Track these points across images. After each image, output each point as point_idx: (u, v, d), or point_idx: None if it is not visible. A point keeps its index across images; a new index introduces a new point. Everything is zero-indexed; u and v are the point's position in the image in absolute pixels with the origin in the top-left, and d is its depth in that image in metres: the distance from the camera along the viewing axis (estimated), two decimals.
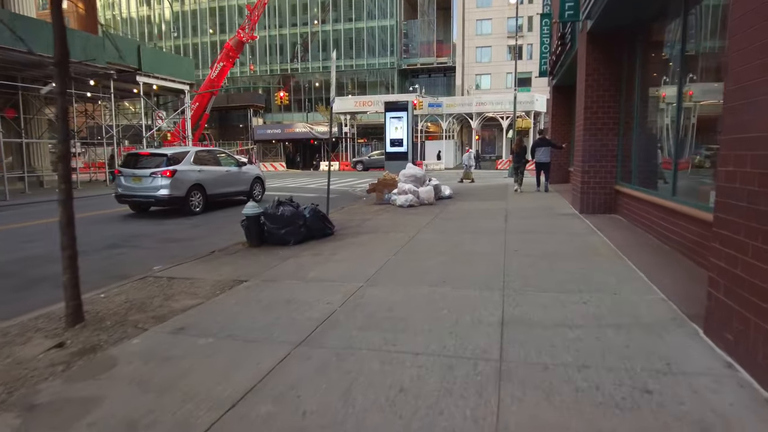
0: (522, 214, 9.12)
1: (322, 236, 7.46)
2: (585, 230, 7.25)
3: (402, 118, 14.00)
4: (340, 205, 12.75)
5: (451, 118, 40.46)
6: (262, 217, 7.06)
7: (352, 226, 8.49)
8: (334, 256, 6.09)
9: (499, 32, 46.99)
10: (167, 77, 23.27)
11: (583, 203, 8.85)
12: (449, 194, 12.69)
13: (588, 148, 8.71)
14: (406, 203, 11.08)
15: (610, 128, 8.60)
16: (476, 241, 6.63)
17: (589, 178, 8.77)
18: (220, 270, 5.61)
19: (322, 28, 53.12)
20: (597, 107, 8.62)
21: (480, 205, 11.10)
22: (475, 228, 7.75)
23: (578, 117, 9.42)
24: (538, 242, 6.42)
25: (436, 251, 6.09)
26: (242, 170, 13.34)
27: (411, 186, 11.41)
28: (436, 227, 8.00)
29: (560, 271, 4.90)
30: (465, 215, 9.32)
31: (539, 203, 10.91)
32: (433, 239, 6.92)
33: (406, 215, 9.77)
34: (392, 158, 14.12)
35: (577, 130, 9.68)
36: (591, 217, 8.36)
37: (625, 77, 8.40)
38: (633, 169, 7.74)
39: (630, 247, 5.85)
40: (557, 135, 15.76)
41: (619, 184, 8.54)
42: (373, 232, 7.75)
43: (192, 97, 53.15)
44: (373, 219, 9.35)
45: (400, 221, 8.91)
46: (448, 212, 9.89)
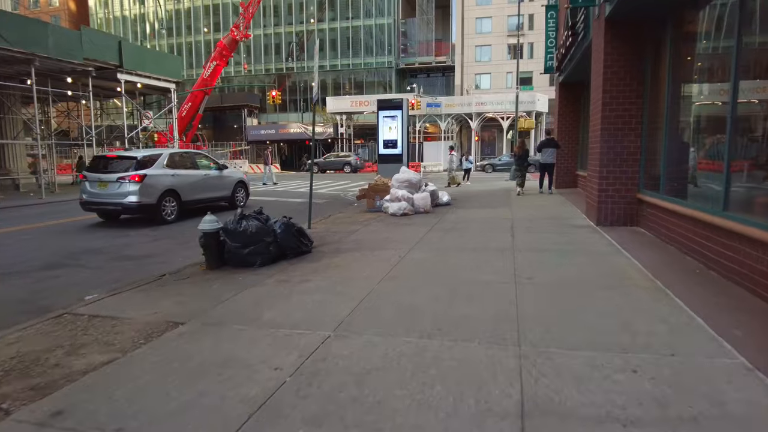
0: (530, 226, 7.99)
1: (297, 255, 6.34)
2: (607, 248, 6.11)
3: (396, 118, 12.88)
4: (326, 212, 11.64)
5: (450, 119, 39.36)
6: (222, 233, 5.92)
7: (334, 241, 7.36)
8: (305, 284, 4.96)
9: (499, 31, 45.90)
10: (152, 75, 22.12)
11: (601, 214, 7.73)
12: (447, 201, 11.56)
13: (606, 151, 7.59)
14: (399, 211, 9.95)
15: (632, 128, 7.48)
16: (479, 264, 5.49)
17: (607, 185, 7.65)
18: (159, 305, 4.48)
19: (318, 27, 52.00)
20: (616, 104, 7.49)
21: (482, 213, 9.97)
22: (476, 244, 6.62)
23: (593, 115, 8.31)
24: (553, 265, 5.29)
25: (429, 279, 4.96)
26: (223, 174, 12.20)
27: (405, 192, 10.28)
28: (431, 243, 6.87)
29: (590, 313, 3.77)
30: (465, 227, 8.18)
31: (548, 212, 9.78)
32: (428, 260, 5.78)
33: (398, 226, 8.64)
34: (385, 161, 13.00)
35: (591, 130, 8.57)
36: (610, 231, 7.23)
37: (649, 70, 7.28)
38: (661, 176, 6.61)
39: (670, 275, 4.72)
40: (564, 136, 14.65)
41: (642, 192, 7.41)
42: (358, 250, 6.61)
43: (185, 96, 51.92)
44: (360, 231, 8.21)
45: (391, 234, 7.78)
46: (446, 222, 8.76)
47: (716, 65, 5.67)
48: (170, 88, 23.94)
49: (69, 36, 18.07)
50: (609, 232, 7.19)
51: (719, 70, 5.51)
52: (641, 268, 5.04)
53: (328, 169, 37.42)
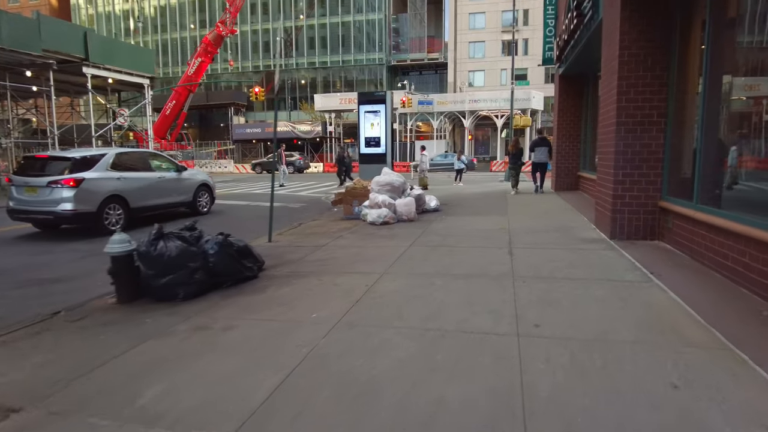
0: (531, 240, 6.67)
1: (238, 282, 4.99)
2: (632, 274, 4.79)
3: (379, 113, 11.55)
4: (299, 218, 10.30)
5: (442, 117, 38.09)
6: (137, 257, 4.56)
7: (292, 260, 6.01)
8: (227, 334, 3.61)
9: (492, 26, 44.66)
10: (123, 70, 20.67)
11: (615, 225, 6.42)
12: (435, 206, 10.23)
13: (622, 150, 6.29)
14: (378, 220, 8.61)
15: (654, 122, 6.18)
16: (470, 299, 4.16)
17: (623, 191, 6.35)
18: (13, 367, 3.14)
19: (307, 23, 50.55)
20: (635, 93, 6.19)
21: (474, 222, 8.64)
22: (467, 267, 5.28)
23: (605, 107, 7.00)
24: (566, 303, 3.96)
25: (401, 326, 3.62)
26: (183, 176, 10.81)
27: (386, 197, 8.94)
28: (411, 264, 5.53)
29: (640, 406, 2.44)
30: (454, 241, 6.85)
31: (550, 220, 8.47)
32: (402, 293, 4.44)
33: (374, 239, 7.31)
34: (367, 161, 11.66)
35: (602, 125, 7.27)
36: (630, 248, 5.92)
37: (677, 53, 5.98)
38: (696, 181, 5.30)
39: (733, 324, 3.41)
40: (565, 132, 13.36)
41: (666, 199, 6.12)
42: (318, 274, 5.26)
43: (168, 93, 50.33)
44: (328, 246, 6.87)
45: (364, 250, 6.44)
46: (432, 234, 7.43)
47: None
48: (143, 83, 22.47)
49: (25, 25, 16.58)
50: (628, 248, 5.88)
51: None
52: (687, 309, 3.72)
53: (269, 169, 36.22)
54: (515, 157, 14.01)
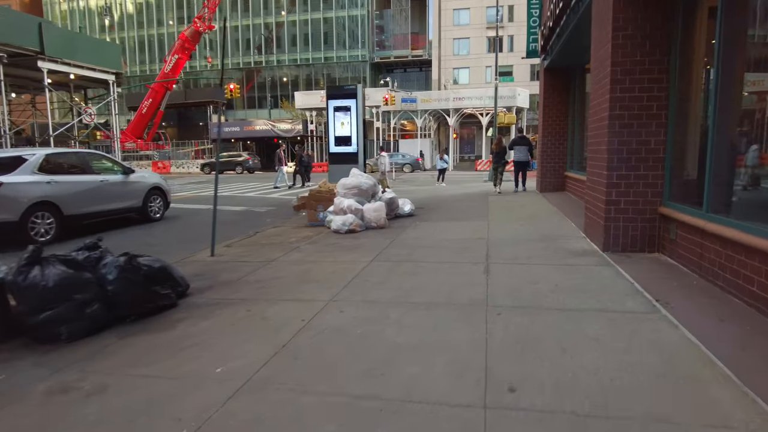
0: (512, 253, 5.77)
1: (150, 313, 4.01)
2: (633, 301, 3.90)
3: (349, 109, 10.58)
4: (261, 225, 9.31)
5: (426, 115, 37.23)
6: (7, 287, 3.56)
7: (228, 282, 5.03)
8: (87, 404, 2.63)
9: (477, 23, 43.88)
10: (84, 65, 19.40)
11: (609, 235, 5.55)
12: (410, 211, 9.31)
13: (617, 148, 5.41)
14: (343, 227, 7.66)
15: (653, 115, 5.31)
16: (427, 344, 3.23)
17: (618, 196, 5.47)
18: None
19: (289, 19, 49.34)
20: (631, 81, 5.32)
21: (450, 229, 7.73)
22: (432, 294, 4.34)
23: (596, 99, 6.13)
24: (554, 350, 3.04)
25: (325, 396, 2.67)
26: (130, 179, 9.75)
27: (352, 202, 7.99)
28: (367, 288, 4.59)
29: None
30: (423, 254, 5.92)
31: (535, 227, 7.59)
32: (344, 333, 3.49)
33: (334, 251, 6.36)
34: (337, 161, 10.69)
35: (592, 119, 6.39)
36: (626, 263, 5.05)
37: (679, 35, 5.12)
38: (707, 185, 4.42)
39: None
40: (550, 130, 12.53)
41: (668, 205, 5.26)
42: (249, 302, 4.29)
43: (144, 91, 48.72)
44: (277, 261, 5.91)
45: (317, 268, 5.48)
46: (399, 246, 6.50)
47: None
48: (108, 80, 21.22)
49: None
50: (625, 264, 5.00)
51: None
52: (711, 357, 2.82)
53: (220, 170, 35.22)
54: (498, 156, 13.80)
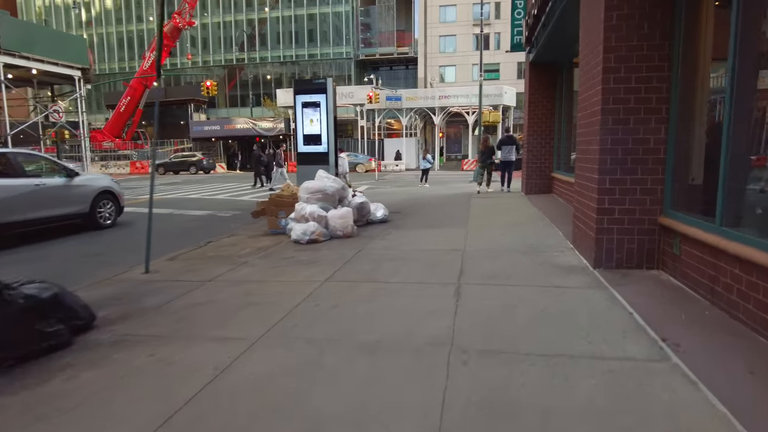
0: (490, 269, 4.97)
1: (36, 355, 3.15)
2: (635, 343, 3.11)
3: (319, 106, 9.72)
4: (218, 232, 8.46)
5: (412, 113, 36.43)
6: None
7: (148, 309, 4.17)
8: None
9: (464, 20, 43.19)
10: (45, 59, 18.28)
11: (601, 250, 4.78)
12: (383, 216, 8.48)
13: (609, 149, 4.64)
14: (304, 237, 6.82)
15: (652, 111, 4.55)
16: (364, 409, 2.41)
17: (611, 204, 4.70)
18: None
19: (272, 15, 48.22)
20: (627, 70, 4.54)
21: (424, 238, 6.92)
22: (385, 328, 3.52)
23: (585, 91, 5.35)
24: (537, 419, 2.24)
25: None
26: (74, 183, 8.79)
27: (315, 208, 7.14)
28: (310, 319, 3.75)
29: None
30: (388, 272, 5.10)
31: (517, 235, 6.80)
32: (259, 393, 2.66)
33: (288, 267, 5.52)
34: (306, 161, 9.82)
35: (582, 115, 5.62)
36: (622, 282, 4.28)
37: (683, 13, 4.36)
38: (719, 193, 3.65)
39: None
40: (536, 128, 11.79)
41: (669, 215, 4.49)
42: (159, 341, 3.44)
43: (122, 88, 47.09)
44: (217, 280, 5.06)
45: (260, 290, 4.63)
46: (362, 260, 5.68)
47: None
48: (74, 75, 20.10)
49: None
50: (621, 285, 4.22)
51: None
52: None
53: (173, 170, 34.55)
54: (485, 156, 13.74)
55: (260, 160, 19.97)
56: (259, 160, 19.97)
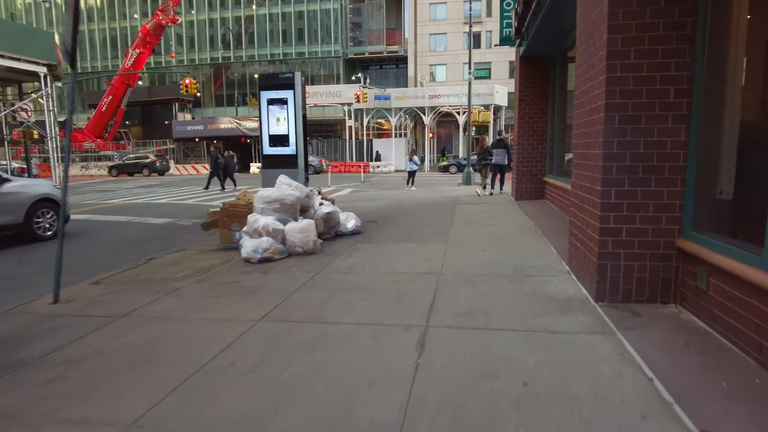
0: (467, 302, 4.02)
1: None
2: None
3: (286, 103, 8.72)
4: (170, 244, 7.51)
5: (401, 113, 35.47)
6: None
7: (21, 362, 3.17)
8: None
9: (455, 18, 42.28)
10: (6, 54, 17.10)
11: (605, 279, 3.83)
12: (354, 227, 7.51)
13: (616, 154, 3.70)
14: (255, 255, 5.84)
15: (670, 106, 3.61)
16: None
17: (618, 222, 3.75)
18: None
19: (258, 12, 47.08)
20: (639, 55, 3.61)
21: (396, 256, 5.95)
22: (311, 411, 2.56)
23: (584, 83, 4.39)
24: None
25: None
26: (3, 189, 7.74)
27: (271, 221, 6.15)
28: (211, 392, 2.77)
29: None
30: (341, 305, 4.13)
31: (505, 252, 5.84)
32: None
33: (222, 297, 4.53)
34: (272, 164, 8.84)
35: (578, 112, 4.67)
36: (634, 326, 3.34)
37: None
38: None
39: None
40: (527, 128, 10.88)
41: (692, 238, 3.55)
42: (10, 419, 2.44)
43: (112, 86, 45.79)
44: (133, 315, 4.06)
45: (171, 335, 3.64)
46: (316, 288, 4.70)
47: None
48: (39, 72, 18.92)
49: None
50: (632, 330, 3.28)
51: None
52: None
53: (126, 172, 33.19)
54: (481, 158, 13.69)
55: (218, 162, 19.04)
56: (216, 162, 19.03)
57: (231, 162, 19.75)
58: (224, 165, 19.42)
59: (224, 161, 19.51)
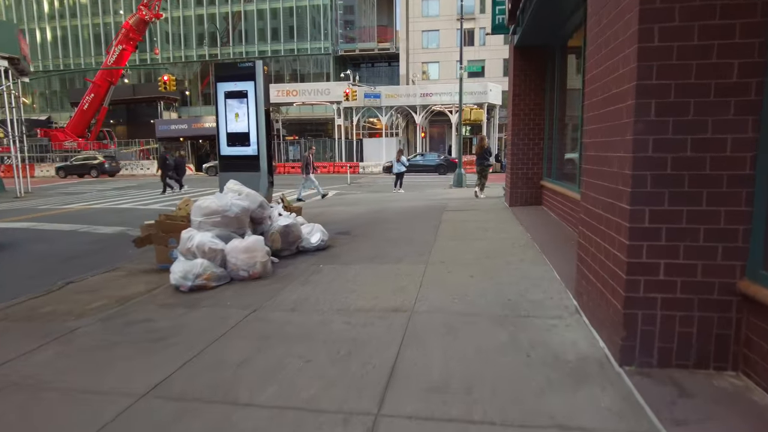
0: (442, 366, 2.91)
1: None
2: None
3: (246, 96, 7.57)
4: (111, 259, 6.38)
5: (392, 112, 34.34)
6: None
7: None
8: None
9: (447, 14, 41.14)
10: None
11: (633, 334, 2.72)
12: (318, 242, 6.36)
13: (650, 158, 2.59)
14: (185, 282, 4.70)
15: (732, 89, 2.49)
16: None
17: (653, 255, 2.64)
18: None
19: (246, 8, 45.79)
20: (687, 15, 2.47)
21: (361, 282, 4.81)
22: None
23: (599, 62, 3.28)
24: None
25: None
26: None
27: (208, 238, 4.99)
28: None
29: None
30: (264, 374, 3.00)
31: (493, 278, 4.71)
32: None
33: (114, 351, 3.40)
34: (230, 167, 7.69)
35: (590, 101, 3.56)
36: (689, 421, 2.20)
37: None
38: None
39: None
40: (522, 126, 9.79)
41: (758, 279, 2.43)
42: None
43: (94, 83, 44.42)
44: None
45: (8, 417, 2.47)
46: (240, 340, 3.56)
47: None
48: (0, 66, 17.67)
49: None
50: (682, 426, 2.14)
51: None
52: None
53: (76, 173, 31.87)
54: (481, 159, 12.68)
55: (166, 163, 17.95)
56: (165, 164, 17.90)
57: (181, 163, 18.77)
58: (174, 166, 18.45)
59: (174, 162, 18.58)
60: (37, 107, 53.13)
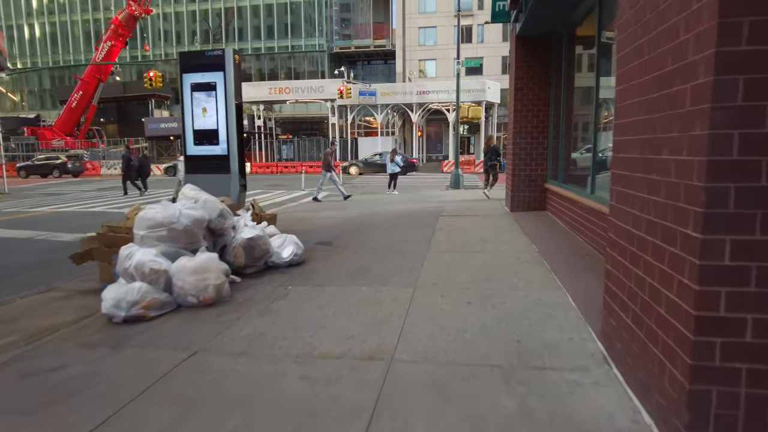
0: None
1: None
2: None
3: (214, 88, 6.69)
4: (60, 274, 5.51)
5: (388, 110, 33.47)
6: None
7: None
8: None
9: (445, 10, 40.25)
10: None
11: (704, 418, 1.84)
12: (291, 257, 5.48)
13: (737, 160, 1.71)
14: (119, 312, 3.82)
15: None
16: None
17: (734, 307, 1.77)
18: None
19: (238, 4, 44.85)
20: None
21: (332, 314, 3.95)
22: None
23: (638, 34, 2.41)
24: None
25: None
26: None
27: (149, 257, 4.12)
28: None
29: None
30: None
31: (495, 308, 3.85)
32: None
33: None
34: (197, 168, 6.82)
35: (620, 89, 2.72)
36: None
37: None
38: None
39: None
40: (524, 123, 8.94)
41: None
42: None
43: (82, 81, 43.44)
44: None
45: None
46: (162, 400, 2.68)
47: None
48: None
49: None
50: None
51: None
52: None
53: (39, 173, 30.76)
54: (489, 157, 12.58)
55: (130, 164, 17.00)
56: (128, 165, 16.93)
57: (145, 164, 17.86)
58: (138, 167, 17.49)
59: (138, 163, 17.61)
60: (27, 105, 52.10)
